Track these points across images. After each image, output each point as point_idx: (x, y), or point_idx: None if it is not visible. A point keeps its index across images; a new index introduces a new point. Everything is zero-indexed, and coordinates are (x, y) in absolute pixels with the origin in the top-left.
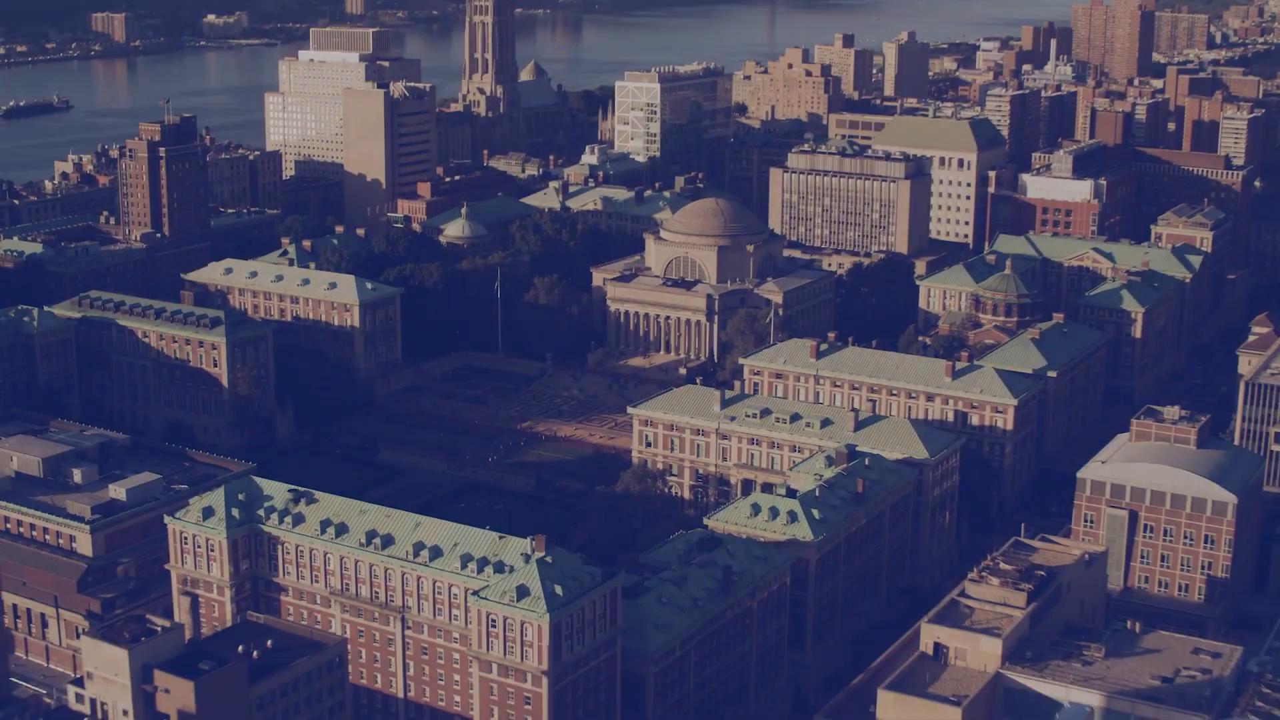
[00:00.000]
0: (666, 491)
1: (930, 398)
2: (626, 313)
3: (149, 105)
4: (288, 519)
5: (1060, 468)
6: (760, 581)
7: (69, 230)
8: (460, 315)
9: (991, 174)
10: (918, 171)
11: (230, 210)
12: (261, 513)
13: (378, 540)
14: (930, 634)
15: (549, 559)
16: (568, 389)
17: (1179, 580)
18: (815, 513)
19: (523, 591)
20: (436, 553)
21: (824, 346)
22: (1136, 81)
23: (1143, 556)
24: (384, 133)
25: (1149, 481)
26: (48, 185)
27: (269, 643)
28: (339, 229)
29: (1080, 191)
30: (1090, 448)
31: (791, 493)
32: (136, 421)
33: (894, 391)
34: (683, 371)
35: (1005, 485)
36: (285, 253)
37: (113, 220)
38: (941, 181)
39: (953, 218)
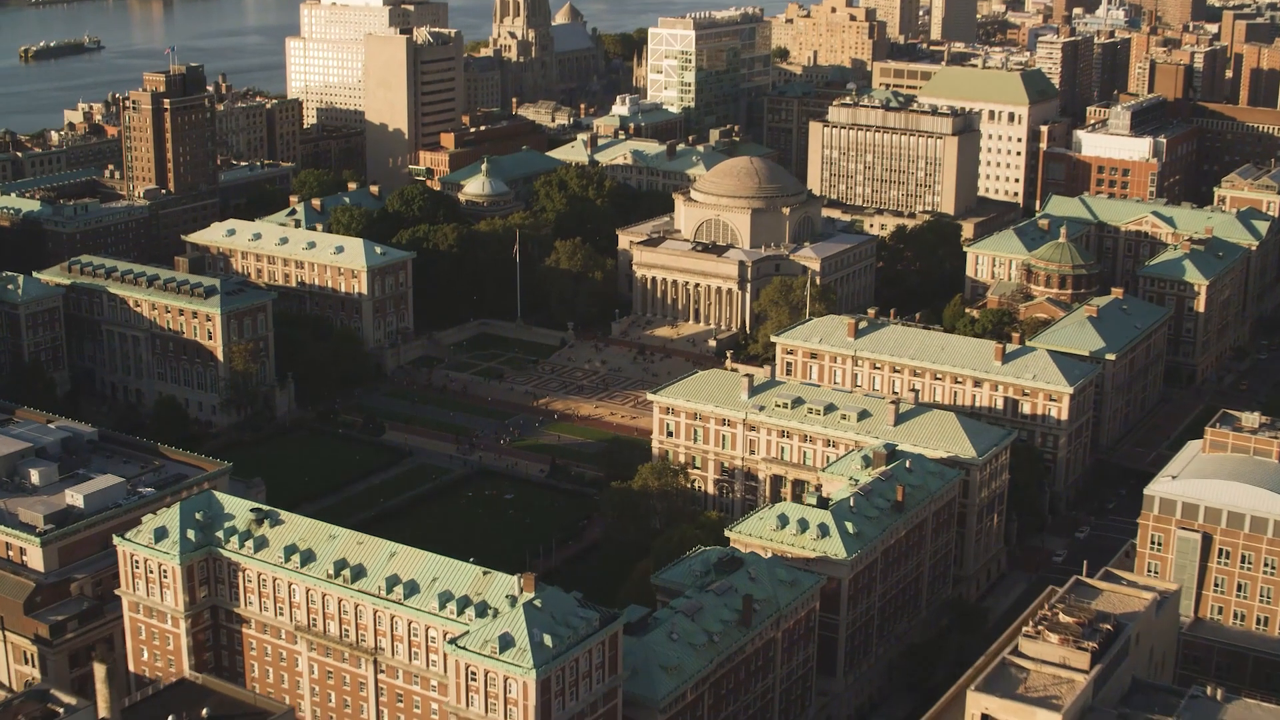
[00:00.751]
0: (689, 486)
1: (978, 383)
2: (653, 279)
3: (183, 46)
4: (249, 542)
5: (1117, 457)
6: (786, 610)
7: (71, 186)
8: (477, 281)
9: (1044, 129)
10: (966, 126)
11: (243, 163)
12: (221, 534)
13: (347, 572)
14: (977, 704)
15: (538, 602)
16: (589, 361)
17: (1258, 612)
18: (849, 526)
19: (506, 641)
20: (412, 589)
21: (862, 324)
22: (1191, 27)
23: (1217, 585)
24: (406, 81)
25: (1225, 501)
26: (54, 136)
27: (204, 712)
28: (351, 186)
29: (1138, 150)
30: (1149, 435)
31: (823, 502)
32: (128, 396)
33: (939, 375)
34: (712, 344)
35: (1058, 480)
36: (293, 212)
37: (117, 175)
38: (991, 136)
39: (1002, 174)
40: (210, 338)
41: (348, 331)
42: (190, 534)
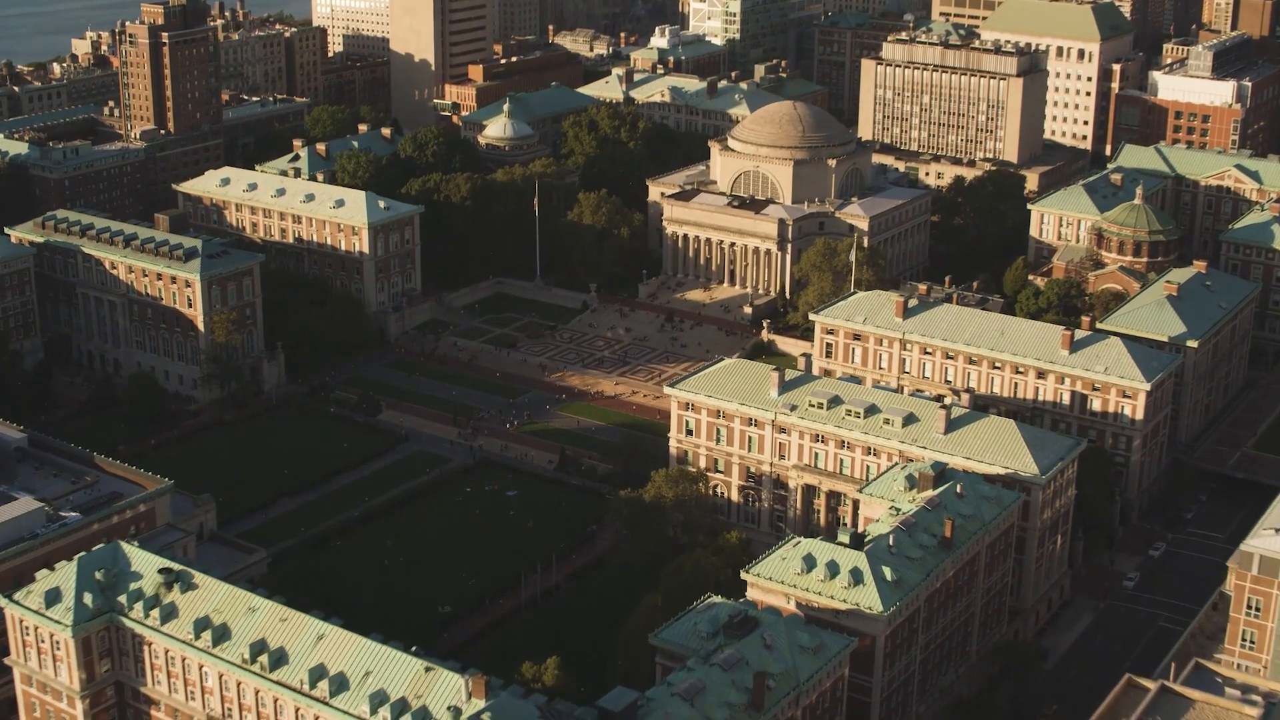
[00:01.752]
0: (711, 492)
1: (1042, 375)
2: (685, 237)
3: None
4: (155, 611)
5: (1197, 457)
6: (807, 684)
7: (66, 126)
8: (493, 236)
9: (1116, 68)
10: (1032, 66)
11: (254, 98)
12: (124, 599)
13: (265, 657)
14: None
15: (486, 717)
16: (611, 329)
17: None
18: (887, 572)
19: None
20: (341, 684)
21: (912, 302)
22: None
23: None
24: (433, 6)
25: None
26: (55, 69)
27: None
28: (362, 128)
29: (1220, 94)
30: (1232, 430)
31: (856, 539)
32: (105, 366)
33: (997, 365)
34: (748, 310)
35: (1130, 486)
36: (296, 158)
37: (118, 113)
38: (1059, 75)
39: (1071, 115)
40: (190, 305)
41: (347, 295)
42: (88, 598)
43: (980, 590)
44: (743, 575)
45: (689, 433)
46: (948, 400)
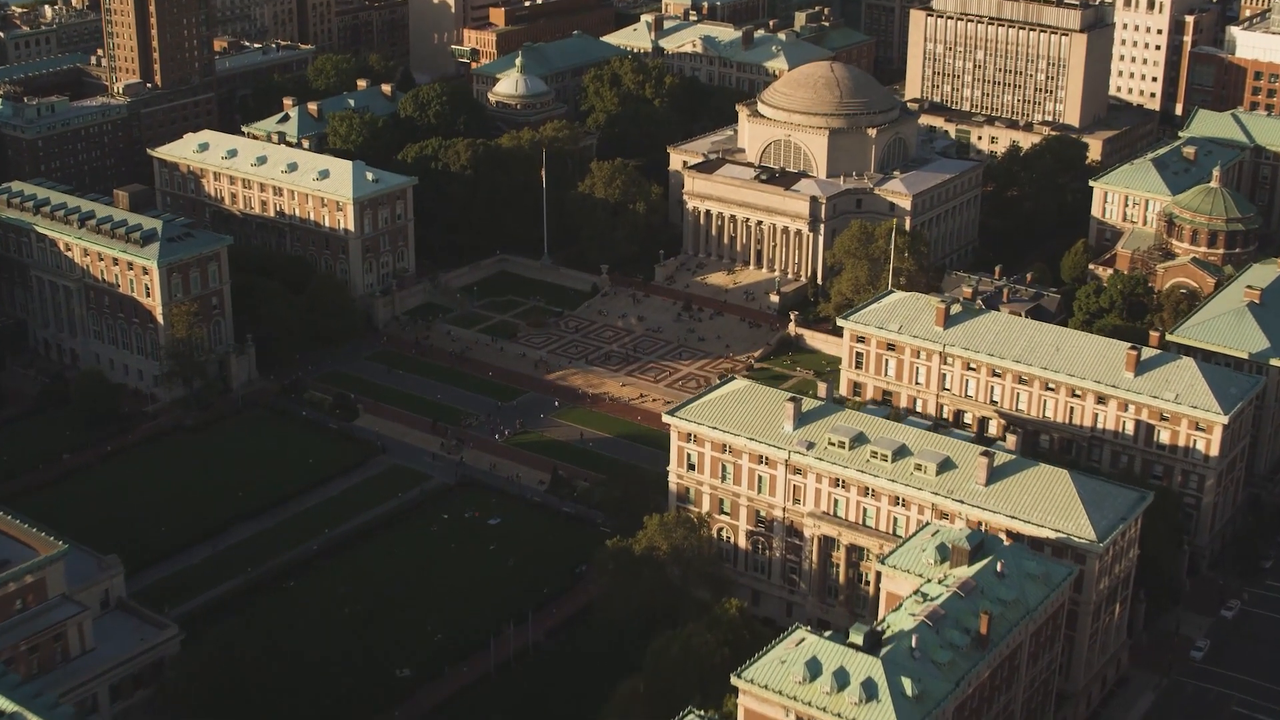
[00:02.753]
0: (716, 535)
1: (1102, 400)
2: (707, 213)
3: None
4: None
5: (1277, 493)
6: None
7: (49, 77)
8: (497, 209)
9: (1189, 20)
10: (1097, 21)
11: (256, 45)
12: None
13: None
14: None
15: None
16: (623, 316)
17: None
18: (907, 685)
19: None
20: None
21: (955, 308)
22: None
23: None
24: None
25: None
26: (48, 12)
27: None
28: (361, 84)
29: None
30: None
31: (872, 639)
32: (62, 357)
33: (1051, 386)
34: (774, 299)
35: (1200, 530)
36: (286, 118)
37: (106, 61)
38: (1125, 27)
39: (1138, 72)
40: (148, 295)
41: (329, 278)
42: None
43: (1022, 686)
44: (734, 680)
45: (691, 467)
46: (990, 448)
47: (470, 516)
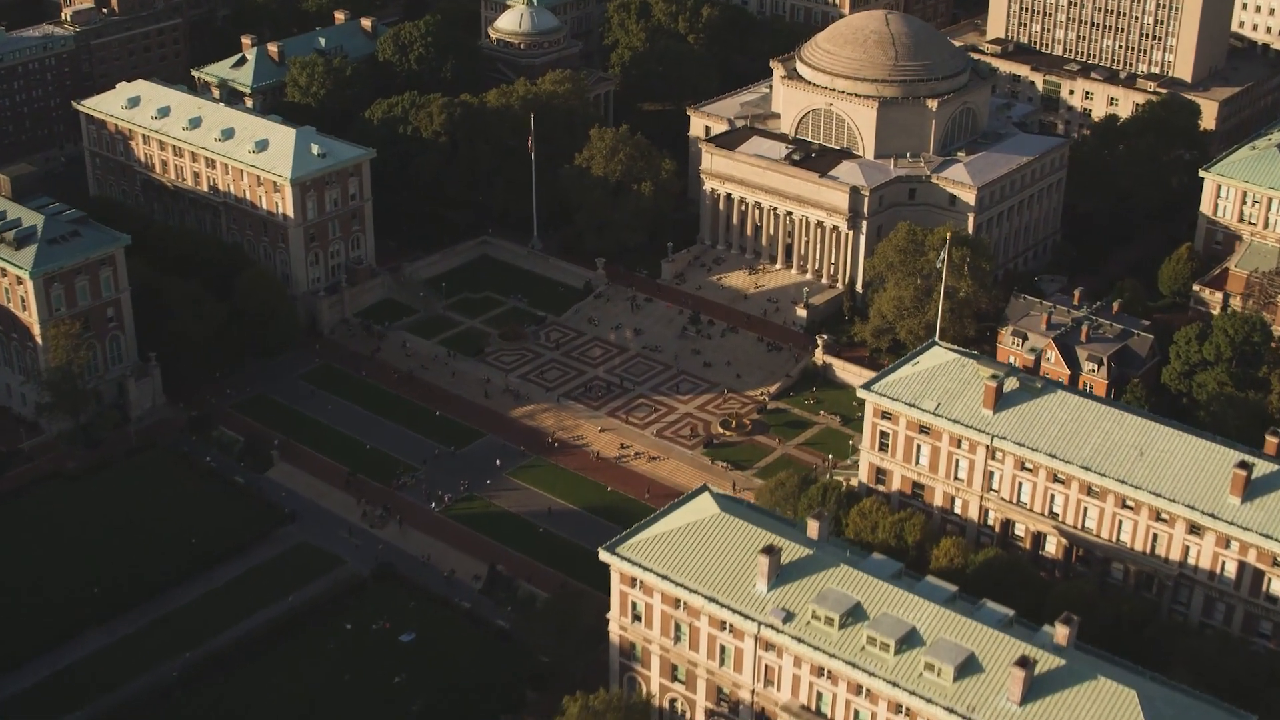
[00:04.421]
0: (669, 707)
1: (1195, 529)
2: (728, 198)
3: None
4: None
5: None
6: None
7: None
8: (480, 184)
9: None
10: None
11: None
12: None
13: None
14: None
15: None
16: (617, 328)
17: None
18: None
19: None
20: None
21: (1010, 385)
22: None
23: None
24: None
25: None
26: None
27: None
28: (339, 17)
29: None
30: None
31: None
32: None
33: (1130, 504)
34: (800, 312)
35: None
36: (243, 60)
37: None
38: None
39: (1266, 4)
40: (24, 309)
41: (260, 275)
42: None
43: None
44: None
45: (637, 618)
46: (1054, 545)
47: (379, 629)
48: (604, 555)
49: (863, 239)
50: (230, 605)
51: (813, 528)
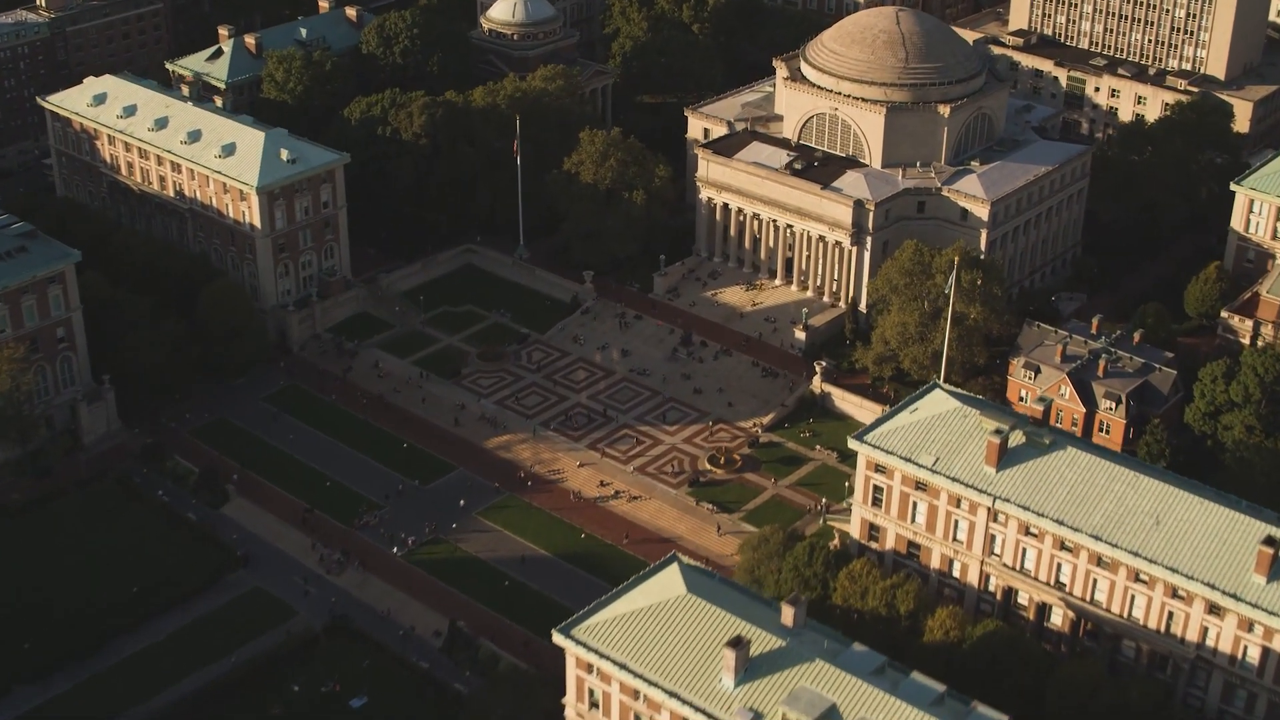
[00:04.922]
0: None
1: (1215, 610)
2: (725, 207)
3: None
4: None
5: None
6: None
7: None
8: (463, 190)
9: None
10: None
11: None
12: None
13: None
14: None
15: None
16: (604, 348)
17: None
18: None
19: None
20: None
21: (1015, 439)
22: None
23: None
24: None
25: None
26: None
27: None
28: (324, 5)
29: None
30: None
31: None
32: None
33: (1144, 578)
34: (799, 335)
35: None
36: (219, 52)
37: None
38: None
39: None
40: None
41: (225, 289)
42: None
43: None
44: None
45: (594, 705)
46: (1061, 617)
47: (328, 691)
48: (558, 638)
49: (867, 255)
50: (171, 662)
51: (788, 614)
